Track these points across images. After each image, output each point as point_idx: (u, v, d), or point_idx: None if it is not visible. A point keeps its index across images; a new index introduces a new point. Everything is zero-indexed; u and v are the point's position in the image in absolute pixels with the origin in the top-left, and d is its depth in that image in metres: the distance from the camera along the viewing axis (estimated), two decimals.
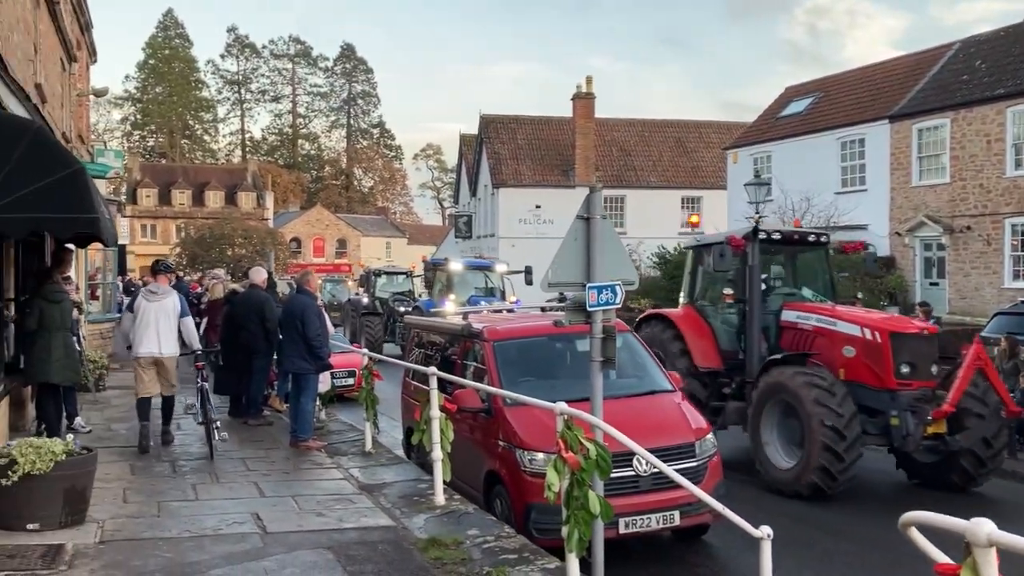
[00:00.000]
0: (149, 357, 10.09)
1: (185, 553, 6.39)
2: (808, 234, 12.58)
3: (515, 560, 6.23)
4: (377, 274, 31.10)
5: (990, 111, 23.36)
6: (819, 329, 11.26)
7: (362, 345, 23.05)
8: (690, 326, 12.38)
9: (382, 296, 28.74)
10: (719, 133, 45.37)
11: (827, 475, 10.03)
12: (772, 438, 10.84)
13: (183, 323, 10.43)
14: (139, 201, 68.76)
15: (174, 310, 10.30)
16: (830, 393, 10.18)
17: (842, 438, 9.97)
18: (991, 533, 2.44)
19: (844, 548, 8.58)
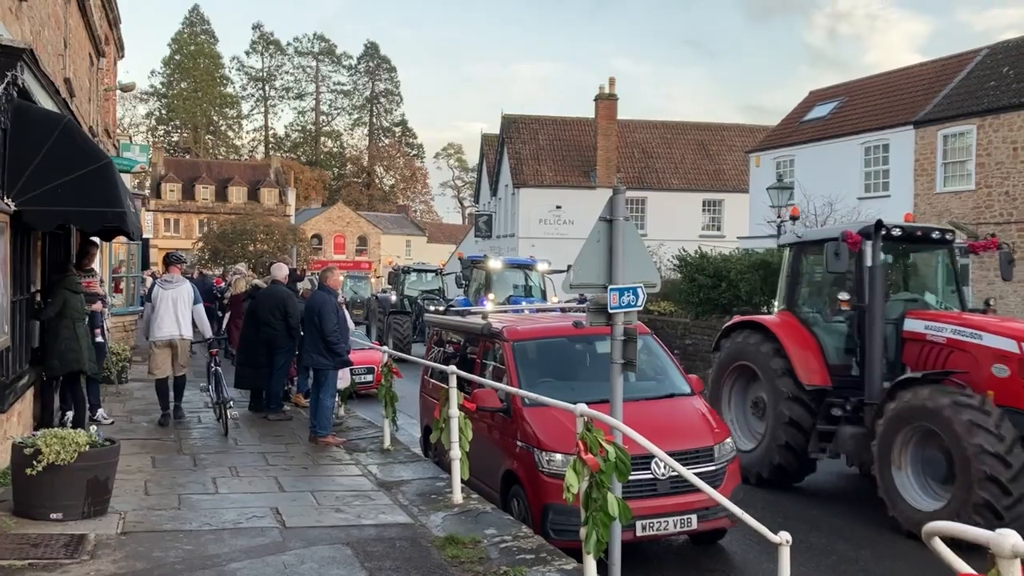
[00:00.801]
0: (166, 340, 11.12)
1: (205, 546, 6.45)
2: (932, 230, 10.98)
3: (532, 560, 6.24)
4: (406, 271, 30.15)
5: (1017, 118, 23.11)
6: (956, 342, 9.51)
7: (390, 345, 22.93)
8: (792, 337, 10.82)
9: (411, 294, 28.06)
10: (741, 136, 45.16)
11: (991, 512, 8.16)
12: (906, 472, 9.09)
13: (195, 310, 11.42)
14: (163, 195, 69.36)
15: (188, 298, 11.32)
16: (985, 414, 8.46)
17: (1007, 466, 8.25)
18: (1016, 544, 2.43)
19: (862, 556, 8.53)
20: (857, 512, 10.10)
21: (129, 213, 8.40)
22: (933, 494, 8.92)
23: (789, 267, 11.63)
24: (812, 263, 11.41)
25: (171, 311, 11.10)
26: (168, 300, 11.14)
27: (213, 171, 74.78)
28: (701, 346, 23.76)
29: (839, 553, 8.62)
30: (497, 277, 22.46)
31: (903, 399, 9.08)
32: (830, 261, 9.76)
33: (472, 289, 23.37)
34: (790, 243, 11.92)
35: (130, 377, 15.36)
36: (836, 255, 9.70)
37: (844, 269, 9.91)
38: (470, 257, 25.54)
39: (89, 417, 10.45)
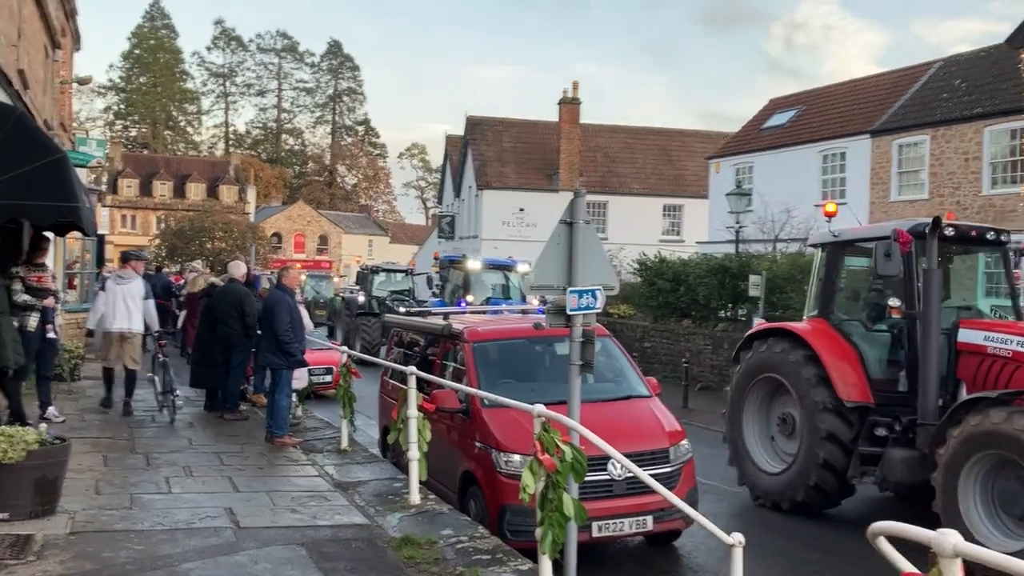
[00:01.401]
0: (116, 332, 11.64)
1: (157, 546, 6.36)
2: (987, 230, 9.85)
3: (488, 561, 6.25)
4: (374, 271, 28.96)
5: (968, 130, 23.65)
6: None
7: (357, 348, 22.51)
8: (828, 347, 9.77)
9: (379, 295, 27.09)
10: (702, 142, 45.60)
11: None
12: (976, 507, 7.96)
13: (146, 306, 11.88)
14: (120, 191, 68.23)
15: (139, 293, 11.80)
16: None
17: None
18: (957, 544, 2.49)
19: (815, 558, 8.66)
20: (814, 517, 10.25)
21: (83, 208, 8.25)
22: (1009, 532, 7.82)
23: (823, 269, 10.53)
24: (850, 265, 10.50)
25: (122, 305, 11.57)
26: (120, 295, 11.61)
27: (172, 167, 73.72)
28: (660, 349, 23.97)
29: (793, 555, 8.75)
30: (475, 278, 21.75)
31: (972, 422, 7.92)
32: (880, 263, 8.79)
33: (448, 290, 22.55)
34: (824, 242, 10.68)
35: (83, 375, 15.08)
36: (887, 256, 8.74)
37: (896, 272, 8.90)
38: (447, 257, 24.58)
39: (40, 415, 10.27)
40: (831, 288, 10.45)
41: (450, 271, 22.72)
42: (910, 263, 9.10)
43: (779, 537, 9.30)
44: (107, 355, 11.93)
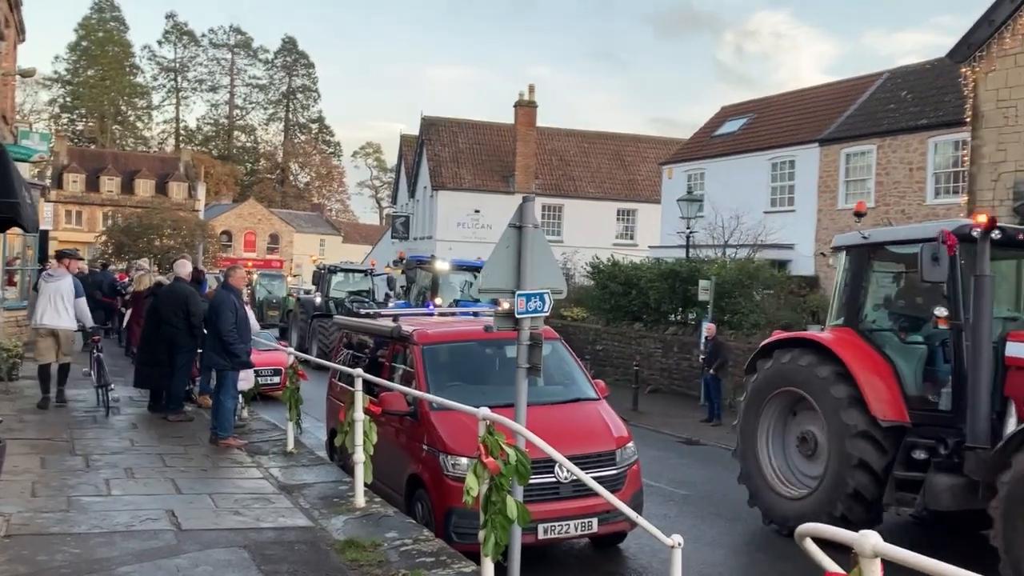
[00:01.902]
0: (47, 328, 12.01)
1: (94, 549, 6.25)
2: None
3: (432, 563, 6.25)
4: (332, 271, 27.85)
5: (914, 140, 24.25)
6: None
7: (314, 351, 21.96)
8: (859, 360, 8.94)
9: (337, 296, 26.22)
10: (655, 148, 46.09)
11: None
12: None
13: (77, 303, 12.19)
14: (65, 186, 66.72)
15: (69, 291, 12.08)
16: None
17: None
18: (876, 545, 2.57)
19: (760, 558, 8.81)
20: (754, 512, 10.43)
21: (24, 204, 8.05)
22: None
23: (849, 274, 9.67)
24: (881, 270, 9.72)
25: (52, 303, 11.95)
26: (49, 292, 12.02)
27: (120, 162, 72.26)
28: (612, 351, 24.17)
29: (736, 554, 8.89)
30: (444, 279, 20.79)
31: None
32: (926, 268, 7.98)
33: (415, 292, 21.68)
34: (851, 244, 9.75)
35: (21, 375, 14.72)
36: (935, 260, 7.93)
37: (944, 278, 8.17)
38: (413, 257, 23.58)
39: None
40: (858, 295, 9.55)
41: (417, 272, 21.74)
42: (954, 268, 8.35)
43: (719, 534, 9.44)
44: (40, 352, 12.22)
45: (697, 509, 10.66)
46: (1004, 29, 14.20)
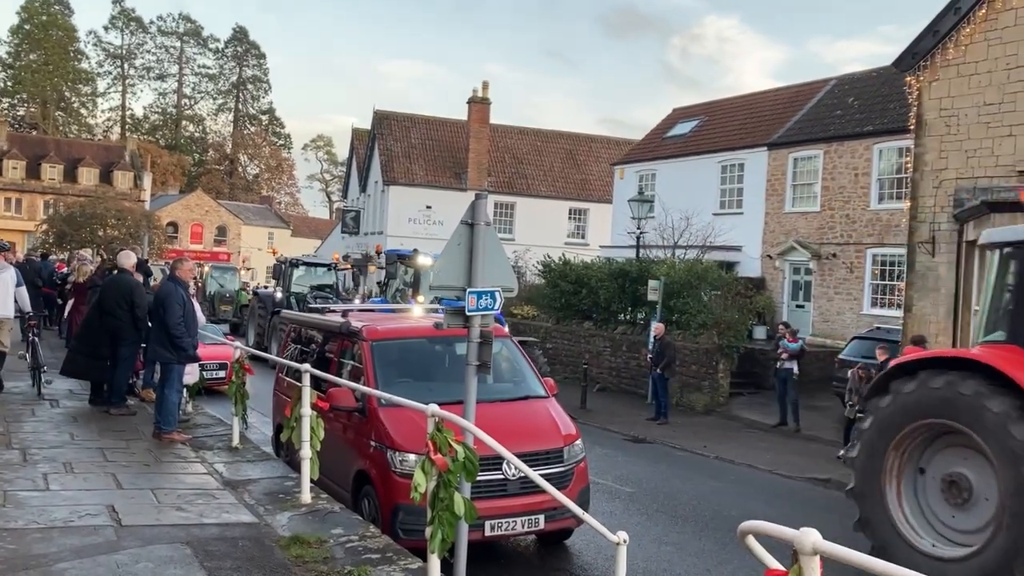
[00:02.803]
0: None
1: (30, 545, 6.09)
2: None
3: (378, 560, 6.22)
4: (294, 264, 26.53)
5: (859, 146, 24.79)
6: None
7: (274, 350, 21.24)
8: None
9: (299, 291, 25.11)
10: (608, 148, 46.43)
11: None
12: None
13: (17, 292, 12.58)
14: (4, 173, 64.82)
15: (11, 281, 12.47)
16: None
17: None
18: (816, 542, 2.63)
19: (706, 548, 8.94)
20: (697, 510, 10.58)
21: None
22: None
23: (1014, 277, 7.97)
24: None
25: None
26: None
27: (63, 150, 70.42)
28: (561, 349, 24.29)
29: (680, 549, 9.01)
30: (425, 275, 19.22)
31: None
32: None
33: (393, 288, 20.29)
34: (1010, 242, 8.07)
35: None
36: None
37: None
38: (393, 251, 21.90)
39: None
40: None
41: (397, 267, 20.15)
42: None
43: (664, 531, 9.56)
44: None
45: (643, 506, 10.79)
46: (948, 40, 14.58)
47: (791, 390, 17.59)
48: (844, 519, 10.76)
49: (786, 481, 13.35)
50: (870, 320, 23.16)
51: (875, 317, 23.34)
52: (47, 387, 12.65)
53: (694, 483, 12.53)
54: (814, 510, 11.24)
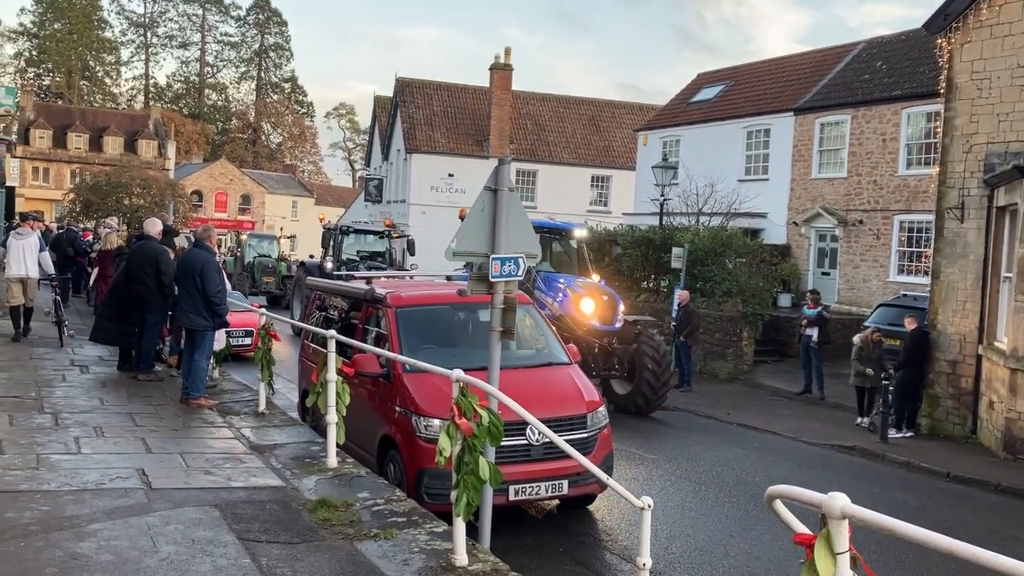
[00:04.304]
0: (16, 277, 14.27)
1: (63, 507, 6.22)
2: None
3: (404, 523, 6.29)
4: (344, 232, 24.86)
5: (887, 111, 24.38)
6: None
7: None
8: None
9: (350, 259, 23.67)
10: (631, 114, 45.96)
11: None
12: None
13: (41, 257, 14.62)
14: (32, 142, 65.35)
15: (35, 246, 14.50)
16: None
17: None
18: (844, 506, 2.62)
19: (727, 521, 8.96)
20: (721, 477, 10.59)
21: None
22: None
23: None
24: None
25: (21, 256, 14.21)
26: (19, 247, 14.29)
27: (88, 119, 70.83)
28: None
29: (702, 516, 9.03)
30: None
31: None
32: None
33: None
34: None
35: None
36: None
37: None
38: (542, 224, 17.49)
39: None
40: None
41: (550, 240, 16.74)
42: None
43: (688, 498, 9.59)
44: (12, 296, 14.43)
45: (666, 473, 10.81)
46: (981, 0, 14.23)
47: (815, 358, 17.50)
48: (870, 485, 10.75)
49: (810, 448, 13.33)
50: (896, 287, 22.92)
51: (901, 284, 23.10)
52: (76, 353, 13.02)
53: (718, 450, 12.53)
54: (839, 477, 11.21)
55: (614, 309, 14.76)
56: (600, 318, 14.52)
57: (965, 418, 14.22)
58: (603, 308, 14.58)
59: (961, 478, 11.66)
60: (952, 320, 14.57)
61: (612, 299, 14.88)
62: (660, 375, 14.66)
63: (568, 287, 14.90)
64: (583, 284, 15.16)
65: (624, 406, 14.75)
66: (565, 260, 16.97)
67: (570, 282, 15.15)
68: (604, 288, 15.40)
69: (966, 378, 14.25)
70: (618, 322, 14.77)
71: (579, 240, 16.91)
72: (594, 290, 14.93)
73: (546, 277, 15.57)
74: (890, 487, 10.99)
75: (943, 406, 14.59)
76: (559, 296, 14.88)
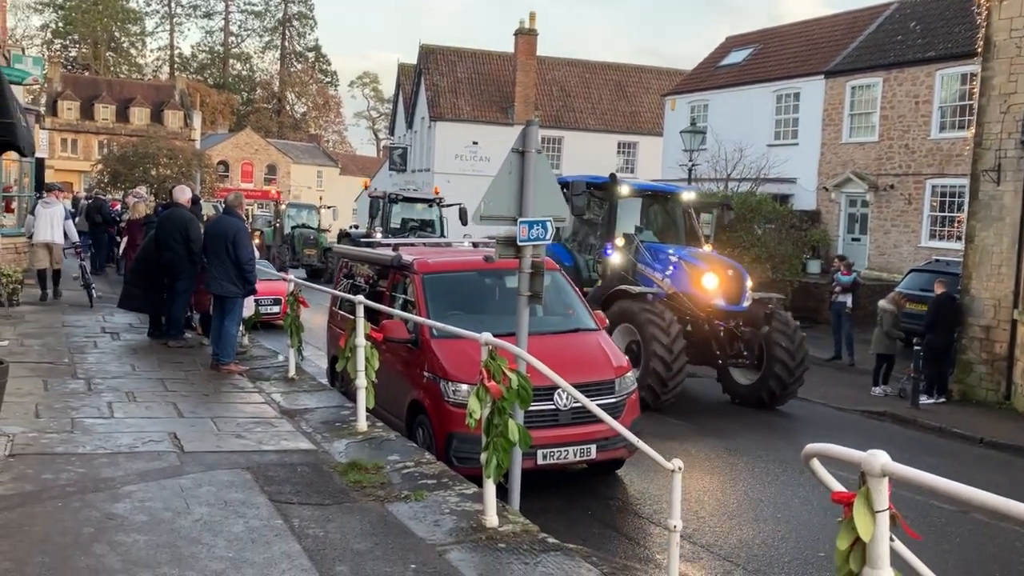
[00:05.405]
0: (43, 242, 15.60)
1: (98, 469, 6.30)
2: None
3: (434, 485, 6.32)
4: (393, 200, 24.05)
5: (920, 73, 23.89)
6: None
7: None
8: None
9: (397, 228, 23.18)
10: (658, 79, 45.41)
11: None
12: None
13: (66, 224, 15.98)
14: (59, 114, 65.85)
15: (60, 215, 15.88)
16: None
17: None
18: (885, 464, 2.57)
19: (756, 484, 8.93)
20: (751, 443, 10.56)
21: (19, 125, 7.91)
22: None
23: None
24: None
25: (47, 223, 15.53)
26: (46, 215, 15.63)
27: (114, 90, 71.21)
28: None
29: (729, 480, 9.01)
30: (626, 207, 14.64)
31: None
32: None
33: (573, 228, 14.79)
34: None
35: (21, 300, 14.72)
36: None
37: None
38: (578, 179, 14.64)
39: None
40: None
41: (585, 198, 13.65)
42: None
43: (717, 463, 9.56)
44: (38, 259, 15.92)
45: (694, 438, 10.79)
46: None
47: (845, 324, 17.34)
48: (902, 451, 10.66)
49: (840, 414, 13.24)
50: (928, 253, 22.59)
51: (933, 250, 22.75)
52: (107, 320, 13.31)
53: (746, 416, 12.47)
54: (870, 442, 11.08)
55: (741, 285, 12.77)
56: (726, 296, 12.62)
57: (999, 384, 14.04)
58: (729, 284, 12.67)
59: (995, 443, 11.55)
60: (986, 285, 14.34)
61: (738, 273, 12.90)
62: (795, 363, 12.59)
63: (683, 260, 13.05)
64: (702, 256, 13.30)
65: (747, 398, 12.95)
66: (669, 228, 14.95)
67: (684, 254, 13.29)
68: (727, 261, 13.42)
69: (1000, 343, 14.05)
70: (746, 301, 12.76)
71: (687, 204, 14.87)
72: (716, 263, 12.99)
73: (651, 248, 13.61)
74: (922, 452, 10.90)
75: (976, 372, 14.40)
76: (669, 270, 13.04)
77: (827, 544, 6.76)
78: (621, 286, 12.96)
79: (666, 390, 11.81)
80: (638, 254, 13.42)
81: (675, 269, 12.95)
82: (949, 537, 7.62)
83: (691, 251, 13.56)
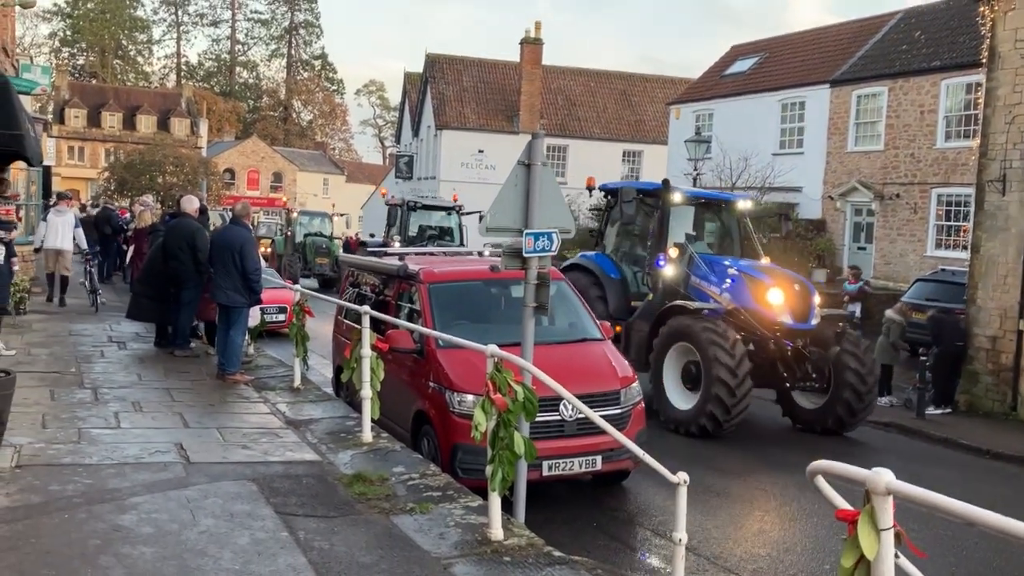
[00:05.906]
0: (53, 249, 16.28)
1: (105, 480, 6.32)
2: None
3: (439, 497, 6.32)
4: (412, 207, 23.30)
5: (926, 82, 23.89)
6: None
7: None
8: None
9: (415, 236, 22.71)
10: (663, 88, 45.46)
11: None
12: None
13: (76, 232, 16.83)
14: (67, 121, 66.11)
15: (71, 223, 16.70)
16: None
17: None
18: (889, 482, 2.58)
19: (760, 497, 8.92)
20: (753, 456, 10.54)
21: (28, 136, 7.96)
22: None
23: None
24: None
25: (58, 231, 16.21)
26: (57, 223, 16.31)
27: (121, 98, 71.46)
28: None
29: (734, 495, 9.00)
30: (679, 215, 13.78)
31: None
32: None
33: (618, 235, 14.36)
34: None
35: (29, 309, 14.77)
36: None
37: None
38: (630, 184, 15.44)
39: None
40: None
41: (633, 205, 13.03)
42: None
43: (721, 477, 9.55)
44: (49, 265, 16.61)
45: (699, 451, 10.77)
46: None
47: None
48: (907, 462, 10.64)
49: None
50: (933, 262, 22.56)
51: (939, 259, 22.72)
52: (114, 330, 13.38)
53: (753, 426, 12.45)
54: (876, 454, 11.12)
55: (809, 301, 11.87)
56: (793, 313, 11.71)
57: (1005, 395, 14.01)
58: (796, 300, 11.78)
59: (1002, 455, 11.51)
60: (992, 295, 14.31)
61: (805, 288, 12.04)
62: (865, 388, 11.65)
63: (744, 273, 12.16)
64: (766, 269, 12.39)
65: (811, 423, 12.02)
66: (724, 239, 14.17)
67: (744, 267, 12.40)
68: (793, 275, 12.48)
69: (1006, 354, 14.02)
70: (814, 318, 11.87)
71: (742, 213, 13.91)
72: (781, 277, 12.09)
73: (707, 259, 12.69)
74: (928, 464, 10.88)
75: (982, 382, 14.37)
76: (727, 283, 12.17)
77: (832, 558, 6.76)
78: (677, 301, 12.16)
79: (729, 418, 10.92)
80: (692, 265, 12.54)
81: (734, 283, 12.08)
82: (955, 550, 7.60)
83: (752, 263, 12.69)
